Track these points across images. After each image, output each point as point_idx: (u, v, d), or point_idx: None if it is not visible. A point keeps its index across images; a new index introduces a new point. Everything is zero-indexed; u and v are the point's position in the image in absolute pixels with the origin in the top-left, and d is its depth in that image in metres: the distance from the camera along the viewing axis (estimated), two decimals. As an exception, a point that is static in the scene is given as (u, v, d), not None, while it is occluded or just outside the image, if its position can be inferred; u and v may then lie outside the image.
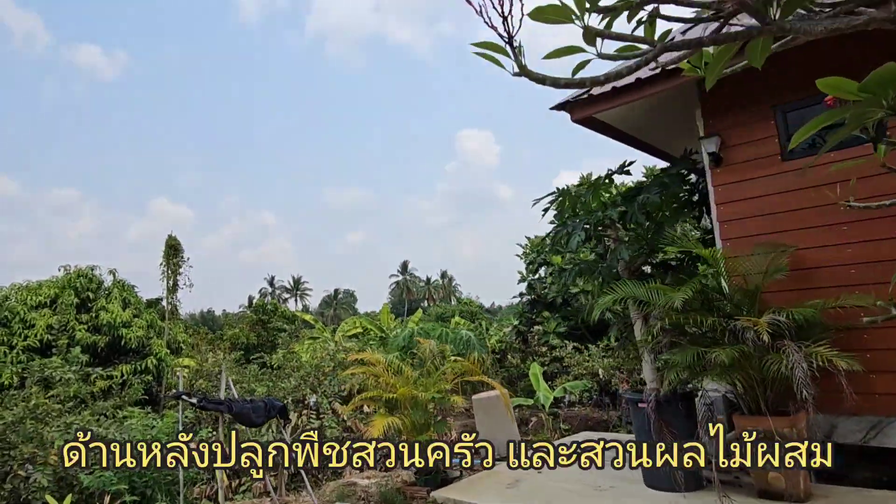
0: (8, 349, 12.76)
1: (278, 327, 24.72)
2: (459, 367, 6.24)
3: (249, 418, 5.24)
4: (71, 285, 14.93)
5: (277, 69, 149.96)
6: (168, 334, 16.80)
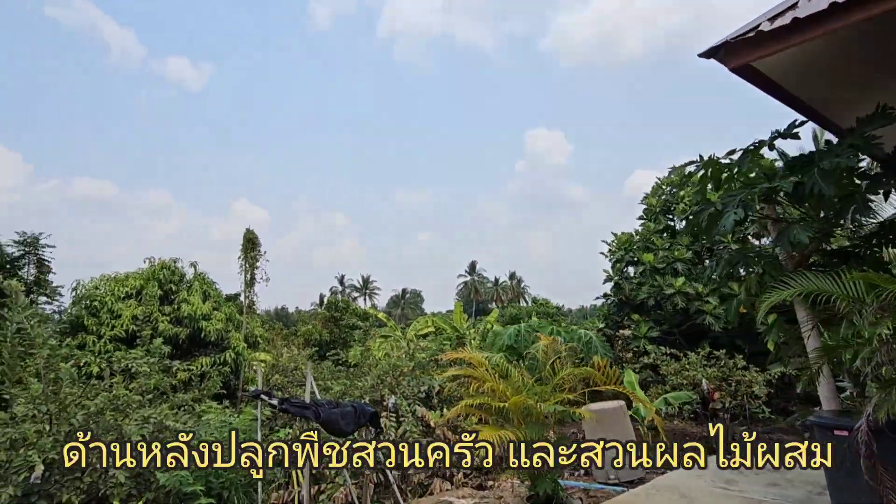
0: (97, 338, 13.04)
1: (351, 324, 24.55)
2: (582, 372, 5.16)
3: (338, 426, 4.46)
4: (155, 277, 15.19)
5: (349, 74, 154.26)
6: (246, 328, 16.80)
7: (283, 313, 72.42)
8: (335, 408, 4.62)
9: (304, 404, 4.49)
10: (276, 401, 4.63)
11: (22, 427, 6.84)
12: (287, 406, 4.58)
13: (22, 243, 13.63)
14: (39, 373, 8.08)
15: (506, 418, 5.00)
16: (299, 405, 4.48)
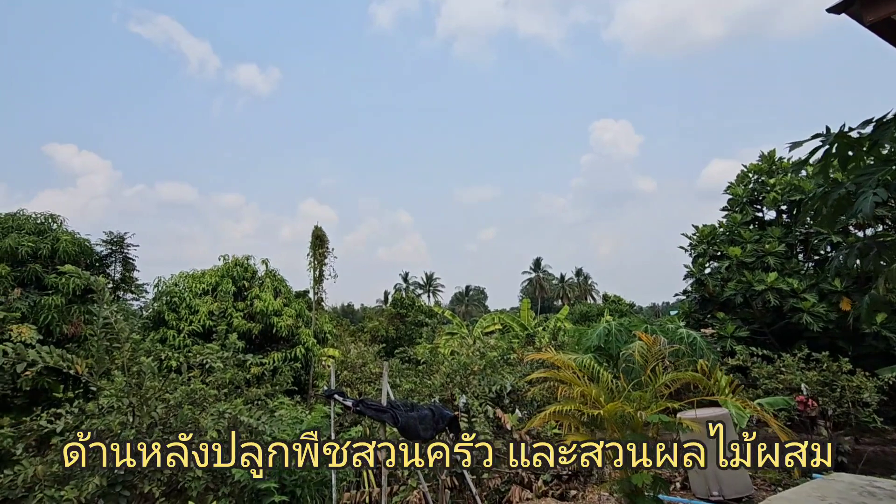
0: (176, 332, 13.59)
1: (417, 321, 24.49)
2: (688, 377, 4.52)
3: (416, 431, 4.12)
4: (229, 274, 15.68)
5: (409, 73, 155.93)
6: (315, 324, 17.03)
7: (349, 310, 74.25)
8: (412, 411, 4.28)
9: (381, 407, 4.17)
10: (350, 402, 4.36)
11: (107, 419, 7.04)
12: (362, 408, 4.29)
13: (109, 242, 14.44)
14: (125, 366, 8.37)
15: (599, 427, 4.48)
16: (375, 408, 4.17)
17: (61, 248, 12.71)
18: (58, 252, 12.66)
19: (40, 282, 12.06)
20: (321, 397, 5.26)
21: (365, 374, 14.43)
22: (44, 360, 6.62)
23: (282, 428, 7.55)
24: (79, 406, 7.46)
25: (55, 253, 12.63)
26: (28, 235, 12.46)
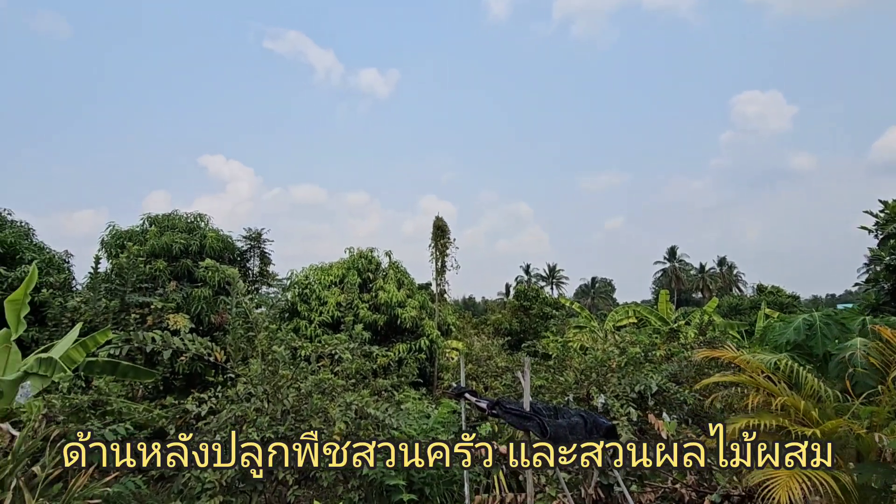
0: (308, 323, 14.19)
1: (542, 313, 23.53)
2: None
3: (566, 443, 3.38)
4: (354, 266, 16.09)
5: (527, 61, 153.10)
6: (438, 315, 16.91)
7: (471, 303, 74.90)
8: (557, 416, 3.55)
9: (523, 413, 3.48)
10: (485, 403, 3.76)
11: (243, 405, 7.27)
12: (500, 412, 3.65)
13: (248, 238, 15.56)
14: (262, 353, 8.69)
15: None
16: (517, 413, 3.50)
17: (208, 245, 13.86)
18: (205, 248, 13.83)
19: (191, 275, 13.24)
20: (451, 394, 4.82)
21: (490, 367, 13.93)
22: (187, 347, 7.05)
23: (408, 422, 7.28)
24: (221, 392, 7.85)
25: (203, 249, 13.80)
26: (180, 233, 13.76)
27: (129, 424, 6.92)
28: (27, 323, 11.07)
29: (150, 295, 11.80)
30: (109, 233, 13.92)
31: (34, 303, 11.09)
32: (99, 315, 10.40)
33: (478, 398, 3.94)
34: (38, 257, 12.12)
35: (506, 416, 3.57)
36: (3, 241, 11.37)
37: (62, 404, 6.38)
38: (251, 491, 6.97)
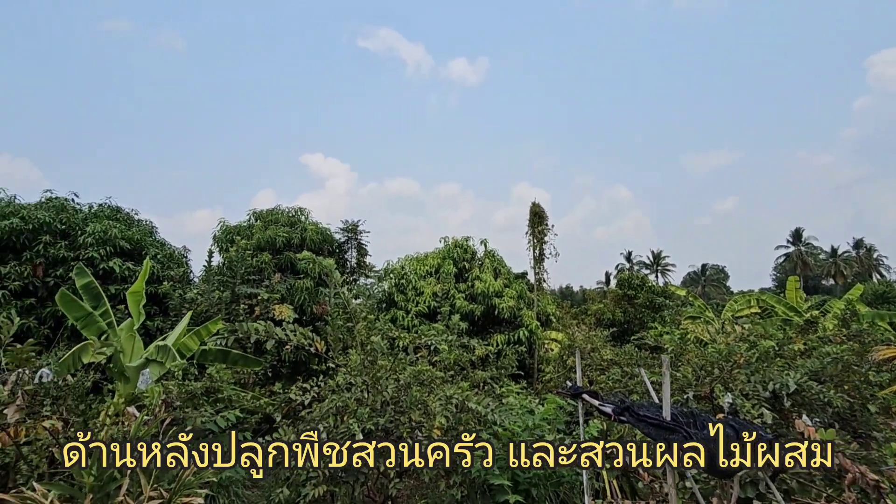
0: (405, 313, 14.26)
1: (649, 303, 22.04)
2: None
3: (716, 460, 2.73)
4: (450, 255, 15.93)
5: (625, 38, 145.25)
6: (537, 306, 16.32)
7: (568, 292, 72.76)
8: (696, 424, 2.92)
9: (663, 423, 2.87)
10: (609, 408, 3.24)
11: (344, 395, 7.27)
12: (630, 419, 3.08)
13: (345, 230, 15.95)
14: (361, 343, 8.72)
15: None
16: (653, 422, 2.89)
17: (308, 237, 14.35)
18: (306, 241, 14.33)
19: (294, 267, 13.78)
20: (566, 394, 4.35)
21: (595, 360, 13.14)
22: (288, 338, 7.20)
23: (511, 418, 6.88)
24: (323, 381, 7.96)
25: (304, 241, 14.31)
26: (283, 227, 14.36)
27: (239, 411, 7.18)
28: (153, 313, 12.10)
29: (257, 286, 12.40)
30: (220, 228, 14.88)
31: (158, 294, 12.08)
32: (213, 306, 11.07)
33: (601, 400, 3.41)
34: (160, 253, 13.19)
35: (639, 425, 3.00)
36: (131, 239, 12.49)
37: (178, 390, 6.73)
38: (354, 482, 6.96)
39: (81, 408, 6.17)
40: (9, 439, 5.45)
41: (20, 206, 12.18)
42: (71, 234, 12.10)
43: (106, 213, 13.51)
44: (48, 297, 11.00)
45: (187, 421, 6.69)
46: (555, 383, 12.67)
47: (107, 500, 3.86)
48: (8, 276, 10.87)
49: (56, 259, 11.50)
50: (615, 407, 3.29)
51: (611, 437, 8.19)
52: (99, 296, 7.81)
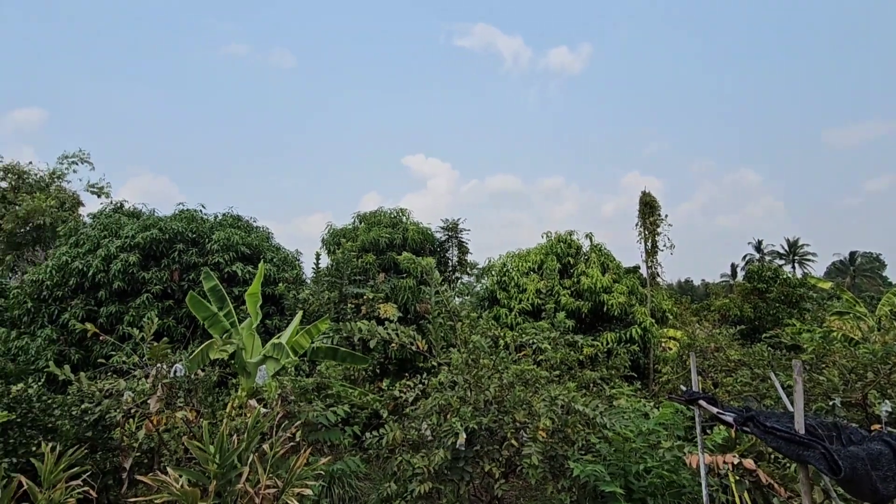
0: (507, 311, 14.16)
1: (783, 297, 19.97)
2: None
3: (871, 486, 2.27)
4: (553, 251, 15.58)
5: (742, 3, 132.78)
6: (651, 302, 15.44)
7: (688, 286, 68.07)
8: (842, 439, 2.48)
9: (796, 437, 2.46)
10: (731, 416, 2.89)
11: (446, 394, 7.37)
12: (755, 431, 2.68)
13: (446, 229, 16.22)
14: (464, 341, 8.79)
15: None
16: (785, 436, 2.47)
17: (409, 237, 14.78)
18: (407, 241, 14.77)
19: (397, 267, 14.26)
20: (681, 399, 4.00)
21: (719, 360, 12.15)
22: (391, 337, 7.45)
23: (623, 422, 6.55)
24: (427, 379, 8.14)
25: (405, 241, 14.76)
26: (385, 228, 14.92)
27: (348, 406, 7.55)
28: (270, 313, 13.13)
29: (362, 286, 13.00)
30: (328, 231, 15.81)
31: (274, 295, 13.09)
32: (322, 305, 11.78)
33: (721, 408, 3.06)
34: (276, 256, 14.30)
35: (765, 437, 2.61)
36: (250, 244, 13.69)
37: (292, 385, 7.22)
38: (458, 480, 7.03)
39: (210, 400, 6.85)
40: (152, 426, 6.17)
41: (158, 218, 13.84)
42: (200, 242, 13.51)
43: (229, 222, 14.91)
44: (183, 298, 12.36)
45: (300, 415, 7.15)
46: (673, 385, 11.91)
47: (228, 486, 4.23)
48: (150, 281, 12.38)
49: (189, 265, 12.90)
50: (737, 415, 2.94)
51: (740, 445, 7.50)
52: (223, 297, 8.63)
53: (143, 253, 12.75)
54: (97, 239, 13.00)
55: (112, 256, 12.37)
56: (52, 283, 12.43)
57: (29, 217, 22.93)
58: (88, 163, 27.32)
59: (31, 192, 24.89)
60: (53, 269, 12.54)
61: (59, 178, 26.69)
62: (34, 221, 22.92)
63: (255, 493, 4.03)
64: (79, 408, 6.49)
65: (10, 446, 5.80)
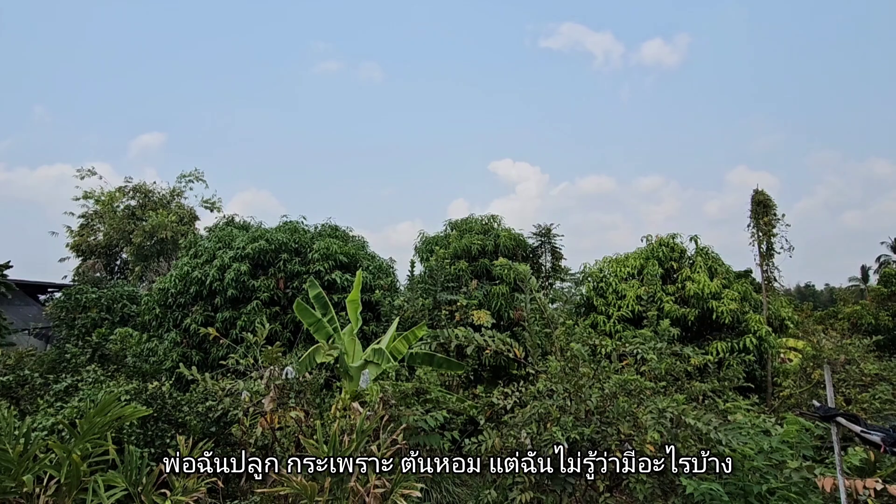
0: (606, 318, 13.74)
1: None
2: None
3: None
4: (654, 255, 14.93)
5: None
6: (767, 308, 14.33)
7: (809, 291, 62.14)
8: None
9: None
10: (878, 436, 2.63)
11: (545, 402, 7.30)
12: None
13: (538, 234, 16.08)
14: (561, 349, 8.68)
15: None
16: None
17: (501, 244, 14.82)
18: (499, 247, 14.81)
19: (489, 273, 14.35)
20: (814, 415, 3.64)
21: (852, 374, 11.04)
22: (487, 343, 7.51)
23: (741, 438, 6.13)
24: (524, 386, 8.12)
25: (497, 248, 14.81)
26: (477, 235, 15.07)
27: (446, 412, 7.70)
28: (367, 319, 13.70)
29: (455, 293, 13.21)
30: (420, 239, 16.23)
31: (370, 301, 13.64)
32: (417, 312, 12.11)
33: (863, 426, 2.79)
34: (371, 264, 14.91)
35: None
36: (347, 253, 14.39)
37: (393, 390, 7.50)
38: (561, 491, 6.94)
39: (317, 401, 7.28)
40: (266, 424, 6.67)
41: (265, 230, 14.95)
42: (302, 252, 14.41)
43: (328, 232, 15.78)
44: (288, 305, 13.23)
45: (402, 418, 7.40)
46: (795, 400, 10.95)
47: (341, 484, 4.48)
48: (259, 289, 13.37)
49: (292, 273, 13.79)
50: (886, 435, 2.66)
51: (881, 470, 6.75)
52: (326, 304, 9.15)
53: (253, 262, 13.81)
54: (213, 250, 14.28)
55: (226, 266, 13.52)
56: (175, 291, 13.82)
57: (154, 231, 25.66)
58: (202, 180, 30.14)
59: (155, 209, 27.84)
60: (177, 278, 13.94)
61: (177, 195, 29.64)
62: (158, 235, 25.61)
63: (364, 492, 4.23)
64: (203, 405, 7.16)
65: (148, 437, 6.52)
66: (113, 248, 28.19)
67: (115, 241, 27.67)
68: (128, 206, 28.51)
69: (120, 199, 28.69)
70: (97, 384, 7.60)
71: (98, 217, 28.65)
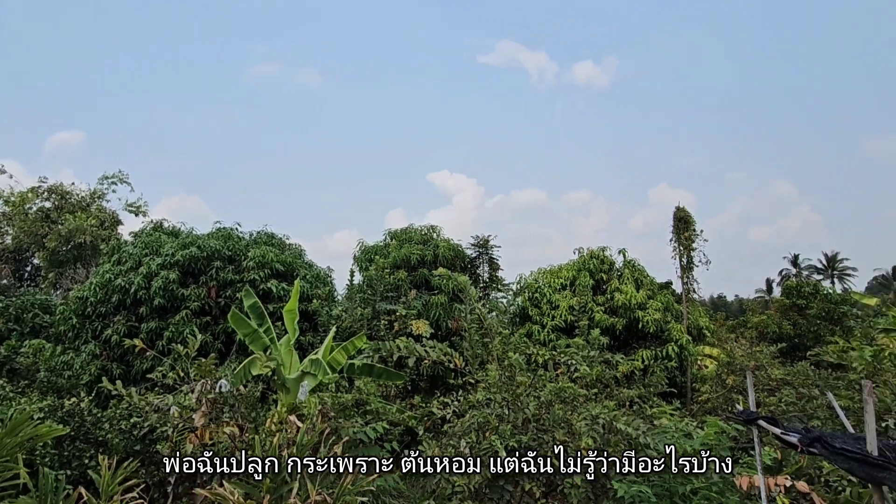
0: (540, 328, 14.09)
1: (824, 314, 19.41)
2: None
3: None
4: (585, 267, 15.48)
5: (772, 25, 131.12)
6: (687, 318, 15.19)
7: (721, 302, 66.56)
8: None
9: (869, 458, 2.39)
10: (794, 437, 2.85)
11: (485, 411, 7.38)
12: (823, 451, 2.62)
13: (476, 245, 16.30)
14: (498, 358, 8.80)
15: None
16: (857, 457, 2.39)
17: (440, 254, 14.89)
18: (438, 257, 14.88)
19: (428, 283, 14.38)
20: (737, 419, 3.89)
21: (761, 379, 11.88)
22: (428, 354, 7.52)
23: (667, 441, 6.44)
24: (463, 396, 8.16)
25: (437, 258, 14.87)
26: (416, 245, 15.08)
27: (385, 423, 7.60)
28: (304, 329, 13.34)
29: (395, 303, 13.12)
30: (360, 249, 16.03)
31: (308, 311, 13.30)
32: (356, 322, 11.93)
33: (784, 428, 3.01)
34: (309, 273, 14.57)
35: (835, 458, 2.56)
36: (284, 261, 14.00)
37: (332, 402, 7.32)
38: (498, 499, 7.00)
39: (253, 415, 6.99)
40: (197, 440, 6.32)
41: (196, 236, 14.26)
42: (236, 260, 13.86)
43: (263, 240, 15.27)
44: (220, 315, 12.66)
45: (341, 431, 7.23)
46: (712, 404, 11.64)
47: (280, 501, 4.31)
48: (189, 298, 12.72)
49: (226, 282, 13.23)
50: (802, 436, 2.89)
51: (787, 468, 7.30)
52: (262, 314, 8.83)
53: (183, 270, 13.13)
54: (139, 257, 13.46)
55: (153, 274, 12.78)
56: (95, 299, 12.89)
57: (71, 236, 23.84)
58: (127, 183, 28.36)
59: (72, 211, 25.90)
60: (97, 286, 13.01)
61: (99, 198, 27.72)
62: (75, 240, 23.81)
63: (305, 508, 4.10)
64: (128, 422, 6.70)
65: (64, 458, 6.02)
66: (23, 252, 25.99)
67: (25, 246, 25.51)
68: (41, 208, 26.35)
69: (32, 201, 26.48)
70: (6, 401, 6.95)
71: (7, 219, 26.32)
